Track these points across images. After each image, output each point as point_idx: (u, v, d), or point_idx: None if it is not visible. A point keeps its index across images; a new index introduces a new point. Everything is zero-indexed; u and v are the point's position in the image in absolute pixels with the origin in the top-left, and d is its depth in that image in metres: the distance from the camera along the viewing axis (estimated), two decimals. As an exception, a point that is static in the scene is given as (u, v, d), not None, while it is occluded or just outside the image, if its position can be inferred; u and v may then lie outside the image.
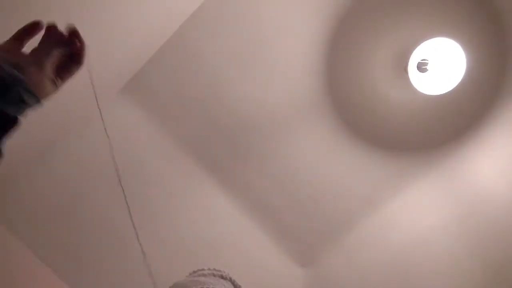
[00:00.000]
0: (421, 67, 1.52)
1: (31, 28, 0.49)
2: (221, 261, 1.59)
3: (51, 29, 0.51)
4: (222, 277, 0.60)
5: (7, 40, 0.47)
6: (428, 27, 1.54)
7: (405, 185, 1.70)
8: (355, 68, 1.64)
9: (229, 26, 1.52)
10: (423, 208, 1.68)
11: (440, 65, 1.50)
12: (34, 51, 0.49)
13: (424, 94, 1.56)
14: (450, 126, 1.63)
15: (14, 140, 1.07)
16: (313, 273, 1.78)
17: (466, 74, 1.50)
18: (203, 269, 0.62)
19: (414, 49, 1.52)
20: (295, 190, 1.74)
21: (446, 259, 1.61)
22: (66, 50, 0.53)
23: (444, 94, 1.55)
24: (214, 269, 0.61)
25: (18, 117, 0.46)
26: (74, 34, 0.53)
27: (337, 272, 1.77)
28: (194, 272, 0.62)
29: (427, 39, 1.50)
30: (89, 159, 1.41)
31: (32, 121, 1.05)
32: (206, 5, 1.41)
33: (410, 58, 1.52)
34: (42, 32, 0.50)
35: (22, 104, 0.45)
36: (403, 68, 1.57)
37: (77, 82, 1.10)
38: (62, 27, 0.52)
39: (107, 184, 1.26)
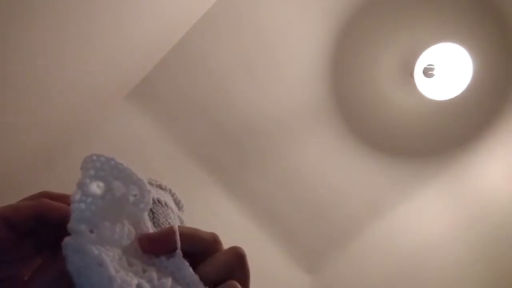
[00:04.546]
0: (427, 72, 1.51)
1: None
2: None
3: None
4: (161, 187, 0.51)
5: None
6: (434, 32, 1.54)
7: (411, 191, 1.69)
8: (360, 73, 1.63)
9: (235, 32, 1.52)
10: (430, 214, 1.67)
11: (446, 70, 1.49)
12: None
13: (430, 100, 1.56)
14: (456, 131, 1.62)
15: (21, 147, 1.08)
16: (319, 279, 1.77)
17: (473, 80, 1.49)
18: None
19: (420, 54, 1.51)
20: (301, 195, 1.74)
21: (453, 265, 1.59)
22: None
23: (450, 99, 1.54)
24: (151, 179, 0.51)
25: None
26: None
27: (343, 278, 1.76)
28: None
29: (433, 44, 1.50)
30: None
31: (37, 128, 1.06)
32: (212, 12, 1.42)
33: (416, 63, 1.52)
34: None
35: None
36: (409, 73, 1.56)
37: (81, 87, 1.11)
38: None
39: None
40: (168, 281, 0.26)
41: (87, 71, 1.06)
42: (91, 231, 0.26)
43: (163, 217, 0.44)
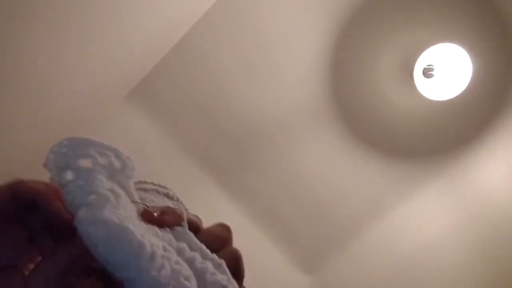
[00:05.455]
0: (427, 72, 1.51)
1: None
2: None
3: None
4: (168, 196, 0.49)
5: None
6: (434, 32, 1.54)
7: (411, 191, 1.69)
8: (360, 73, 1.63)
9: (235, 33, 1.52)
10: (430, 214, 1.67)
11: (446, 70, 1.49)
12: None
13: (430, 100, 1.55)
14: (456, 131, 1.62)
15: (21, 147, 1.08)
16: (319, 279, 1.77)
17: (473, 80, 1.49)
18: (145, 182, 0.49)
19: (420, 54, 1.51)
20: (301, 195, 1.74)
21: (453, 265, 1.59)
22: None
23: (450, 99, 1.54)
24: (159, 185, 0.49)
25: None
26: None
27: (343, 278, 1.76)
28: (135, 183, 0.46)
29: (433, 45, 1.50)
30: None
31: (37, 128, 1.06)
32: (211, 12, 1.42)
33: (416, 64, 1.52)
34: None
35: None
36: (409, 74, 1.56)
37: (81, 87, 1.11)
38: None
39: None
40: (184, 245, 0.26)
41: (87, 71, 1.06)
42: (99, 203, 0.24)
43: None
